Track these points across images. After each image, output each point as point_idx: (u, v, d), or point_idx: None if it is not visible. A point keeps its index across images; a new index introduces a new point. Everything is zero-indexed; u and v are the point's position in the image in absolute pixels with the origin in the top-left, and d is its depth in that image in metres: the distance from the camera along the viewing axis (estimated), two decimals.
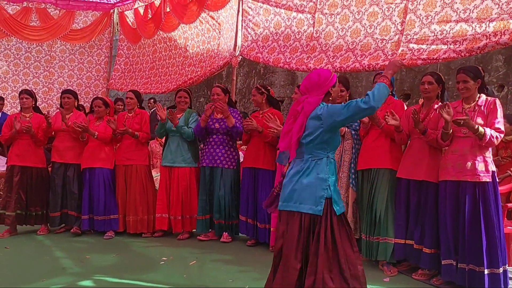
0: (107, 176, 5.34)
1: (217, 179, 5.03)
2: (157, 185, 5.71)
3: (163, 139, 5.60)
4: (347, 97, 4.55)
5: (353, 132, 4.41)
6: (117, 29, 8.82)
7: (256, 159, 4.88)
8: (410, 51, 4.42)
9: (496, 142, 3.44)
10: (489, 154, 3.53)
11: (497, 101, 3.52)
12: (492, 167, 3.50)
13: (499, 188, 4.01)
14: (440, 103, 3.88)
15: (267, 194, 4.76)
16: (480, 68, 3.65)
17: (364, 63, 4.73)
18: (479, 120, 3.50)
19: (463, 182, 3.51)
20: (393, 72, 2.81)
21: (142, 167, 5.39)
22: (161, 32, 7.53)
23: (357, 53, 4.83)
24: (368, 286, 3.30)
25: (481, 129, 3.38)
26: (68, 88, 7.22)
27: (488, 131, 3.39)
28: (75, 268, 4.07)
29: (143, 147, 5.46)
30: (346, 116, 2.62)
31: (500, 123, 3.47)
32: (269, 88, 5.08)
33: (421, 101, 4.04)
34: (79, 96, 8.01)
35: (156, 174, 5.90)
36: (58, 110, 5.65)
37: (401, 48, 4.47)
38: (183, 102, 5.29)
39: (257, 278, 3.84)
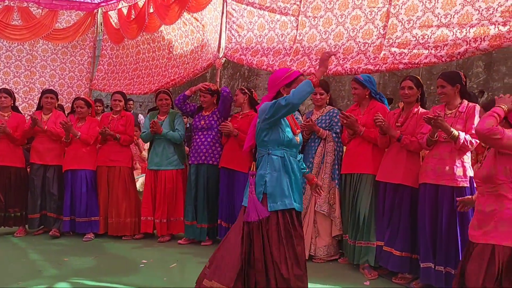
0: (90, 178, 5.28)
1: (202, 177, 4.98)
2: (137, 187, 5.67)
3: (144, 143, 5.55)
4: (328, 100, 4.57)
5: (334, 135, 4.44)
6: (101, 29, 8.72)
7: (231, 160, 4.85)
8: (392, 55, 4.44)
9: (470, 147, 3.47)
10: (467, 160, 3.56)
11: (477, 107, 3.54)
12: (470, 173, 3.53)
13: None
14: (420, 107, 3.91)
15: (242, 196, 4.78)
16: (461, 73, 3.68)
17: (346, 67, 4.74)
18: (459, 127, 3.51)
19: (442, 186, 3.54)
20: (324, 67, 2.77)
21: (125, 169, 5.35)
22: (144, 33, 7.47)
23: (339, 56, 4.83)
24: None
25: (455, 131, 3.40)
26: (50, 88, 7.10)
27: (462, 135, 3.42)
28: (52, 271, 4.01)
29: (126, 149, 5.43)
30: (270, 113, 2.71)
31: None
32: (252, 90, 5.09)
33: (401, 105, 4.07)
34: (61, 96, 7.95)
35: (136, 176, 5.85)
36: (36, 111, 5.57)
37: (383, 52, 4.49)
38: (165, 104, 5.26)
39: None
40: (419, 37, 4.28)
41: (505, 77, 5.71)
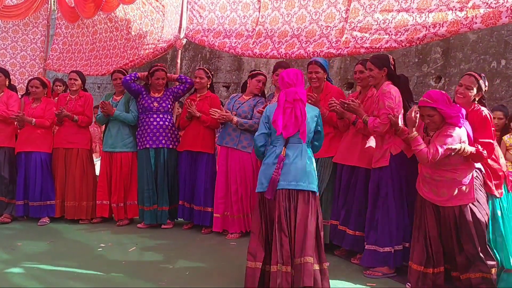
0: (45, 160, 5.08)
1: (162, 161, 4.90)
2: (96, 170, 5.51)
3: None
4: None
5: None
6: (55, 7, 8.37)
7: (195, 143, 4.82)
8: (354, 39, 4.46)
9: (378, 131, 3.60)
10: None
11: (389, 90, 3.58)
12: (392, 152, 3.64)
13: None
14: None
15: (205, 176, 4.79)
16: (390, 56, 3.77)
17: (309, 50, 4.73)
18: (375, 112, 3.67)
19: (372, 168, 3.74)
20: None
21: (83, 151, 5.18)
22: (101, 13, 7.22)
23: (302, 39, 4.82)
24: None
25: (366, 117, 3.61)
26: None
27: (371, 120, 3.58)
28: (4, 256, 3.86)
29: (85, 130, 5.25)
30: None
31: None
32: (212, 73, 5.10)
33: (358, 88, 4.13)
34: (13, 76, 7.59)
35: (95, 158, 5.69)
36: None
37: (345, 36, 4.50)
38: (119, 84, 5.10)
39: (196, 263, 3.82)
40: (380, 21, 4.32)
41: (461, 63, 5.88)
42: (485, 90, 3.33)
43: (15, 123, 5.14)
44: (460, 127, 3.08)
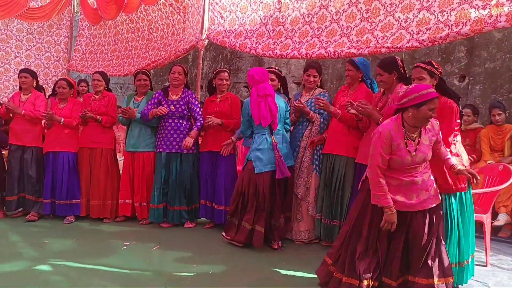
0: (72, 160, 5.18)
1: (176, 165, 4.93)
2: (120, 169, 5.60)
3: None
4: (319, 83, 4.58)
5: (321, 120, 4.44)
6: (78, 9, 8.51)
7: (216, 143, 4.85)
8: (375, 39, 4.44)
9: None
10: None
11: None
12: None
13: None
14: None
15: (225, 175, 4.86)
16: (398, 59, 3.80)
17: (329, 50, 4.72)
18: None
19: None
20: None
21: (107, 151, 5.26)
22: (123, 14, 7.32)
23: (322, 39, 4.82)
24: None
25: (380, 122, 3.64)
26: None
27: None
28: (32, 253, 3.96)
29: (109, 130, 5.33)
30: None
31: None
32: None
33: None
34: (38, 77, 7.77)
35: (119, 158, 5.79)
36: (15, 91, 5.44)
37: (366, 35, 4.49)
38: (143, 85, 5.16)
39: (219, 262, 3.85)
40: (401, 20, 4.29)
41: (486, 62, 5.79)
42: (440, 72, 3.30)
43: (43, 123, 5.25)
44: None
